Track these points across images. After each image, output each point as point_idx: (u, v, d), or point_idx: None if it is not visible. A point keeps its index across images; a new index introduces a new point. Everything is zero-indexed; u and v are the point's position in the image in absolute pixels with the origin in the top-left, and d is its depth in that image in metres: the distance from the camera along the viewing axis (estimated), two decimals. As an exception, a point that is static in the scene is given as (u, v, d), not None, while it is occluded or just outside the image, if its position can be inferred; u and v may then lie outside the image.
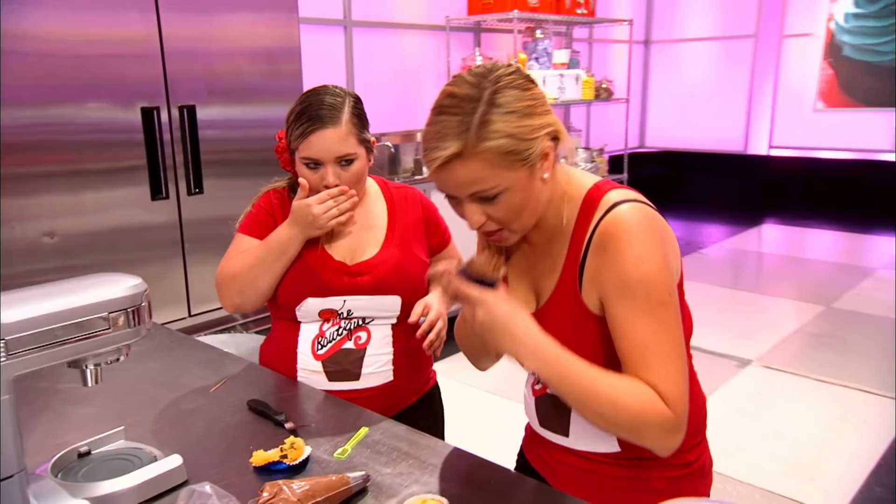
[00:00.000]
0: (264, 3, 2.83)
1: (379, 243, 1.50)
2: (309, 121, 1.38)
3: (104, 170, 2.47)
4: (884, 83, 6.69)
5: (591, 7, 5.10)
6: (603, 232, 0.99)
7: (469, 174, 0.94)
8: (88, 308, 0.97)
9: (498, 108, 0.93)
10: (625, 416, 0.93)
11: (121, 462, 1.10)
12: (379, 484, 1.07)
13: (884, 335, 3.92)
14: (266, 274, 1.44)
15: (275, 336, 1.57)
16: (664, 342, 0.95)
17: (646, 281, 0.95)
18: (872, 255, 5.70)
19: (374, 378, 1.47)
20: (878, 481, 1.00)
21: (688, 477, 1.10)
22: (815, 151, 7.17)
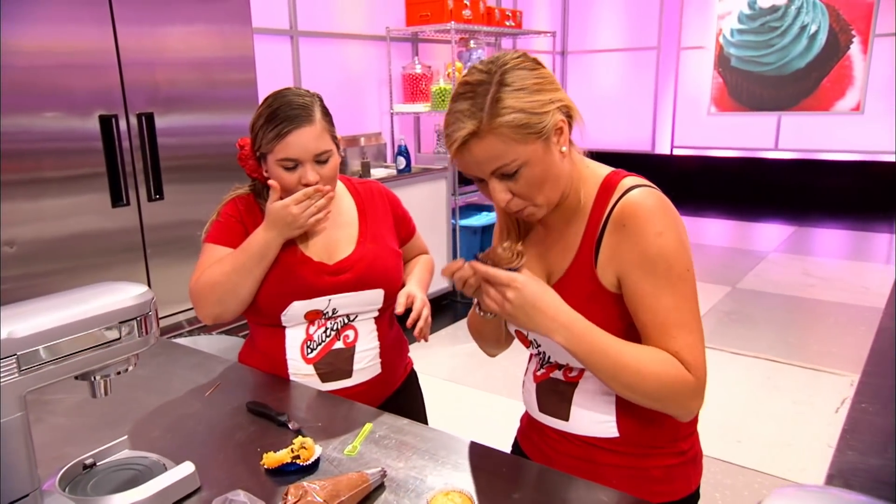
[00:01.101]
0: (218, 16, 2.69)
1: (354, 240, 1.43)
2: (283, 122, 1.29)
3: (63, 177, 2.28)
4: (765, 90, 7.07)
5: (518, 19, 5.12)
6: (621, 211, 0.98)
7: (486, 151, 0.93)
8: (99, 318, 0.87)
9: (507, 87, 0.92)
10: (651, 384, 0.94)
11: (129, 473, 1.00)
12: (394, 479, 1.02)
13: (781, 310, 4.13)
14: (246, 280, 1.32)
15: (258, 344, 1.44)
16: (685, 313, 0.95)
17: (666, 255, 0.95)
18: (764, 240, 6.01)
19: (364, 373, 1.41)
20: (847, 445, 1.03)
21: (682, 466, 1.08)
22: (710, 150, 7.50)
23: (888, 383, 1.21)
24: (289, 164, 1.31)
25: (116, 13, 2.35)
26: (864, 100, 6.59)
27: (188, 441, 1.14)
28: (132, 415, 1.24)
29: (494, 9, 4.88)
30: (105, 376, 0.92)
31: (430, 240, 4.37)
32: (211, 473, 1.04)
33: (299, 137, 1.29)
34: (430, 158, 4.65)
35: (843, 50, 6.63)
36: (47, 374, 0.82)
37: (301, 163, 1.31)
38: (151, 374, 1.42)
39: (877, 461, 0.97)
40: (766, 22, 6.93)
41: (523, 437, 1.24)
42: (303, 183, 1.32)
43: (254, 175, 1.40)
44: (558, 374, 1.09)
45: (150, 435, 1.16)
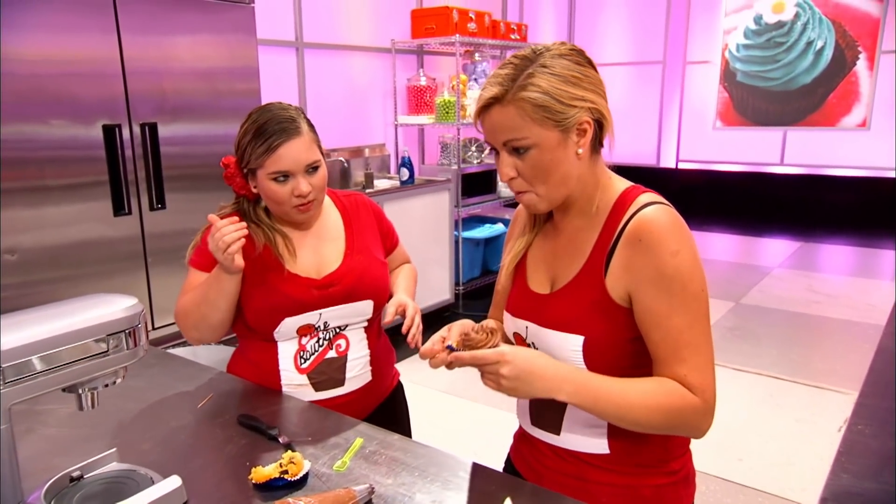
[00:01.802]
0: (223, 26, 2.71)
1: (341, 253, 1.43)
2: (272, 136, 1.29)
3: (66, 186, 2.29)
4: (770, 105, 7.06)
5: (523, 33, 5.14)
6: (637, 226, 0.97)
7: (503, 120, 0.95)
8: (86, 331, 0.87)
9: (544, 69, 0.94)
10: (658, 417, 0.94)
11: (116, 486, 1.00)
12: (382, 495, 1.01)
13: (785, 327, 4.10)
14: (212, 311, 1.32)
15: (249, 356, 1.43)
16: (697, 334, 0.95)
17: (682, 274, 0.94)
18: (769, 255, 5.98)
19: (356, 381, 1.42)
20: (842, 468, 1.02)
21: (672, 485, 1.07)
22: (715, 165, 7.49)
23: (886, 405, 1.19)
24: (279, 176, 1.31)
25: (121, 23, 2.37)
26: (870, 116, 6.57)
27: (177, 454, 1.14)
28: (124, 426, 1.24)
29: (500, 22, 4.90)
30: (93, 389, 0.92)
31: (433, 251, 4.38)
32: (199, 488, 1.03)
33: (289, 150, 1.29)
34: (434, 170, 4.66)
35: (849, 66, 6.62)
36: (33, 387, 0.81)
37: (293, 174, 1.31)
38: (145, 386, 1.42)
39: (871, 485, 0.95)
40: (772, 37, 6.93)
41: (515, 453, 1.23)
42: (295, 195, 1.32)
43: (242, 192, 1.39)
44: None
45: (139, 447, 1.15)
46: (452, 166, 4.58)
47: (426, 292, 4.22)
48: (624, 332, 0.99)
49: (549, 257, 1.10)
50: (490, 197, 4.83)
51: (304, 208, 1.34)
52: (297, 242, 1.39)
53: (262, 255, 1.36)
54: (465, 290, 4.67)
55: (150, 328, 2.60)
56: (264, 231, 1.37)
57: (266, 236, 1.37)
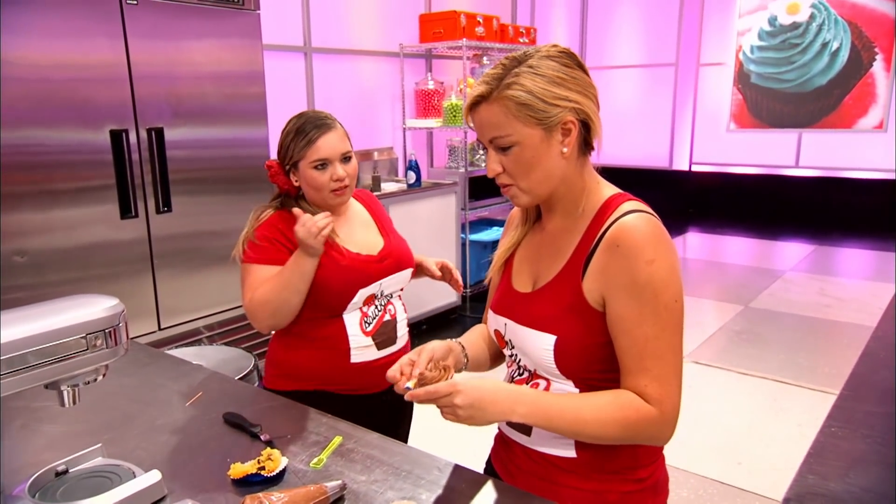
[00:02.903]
0: (229, 31, 2.76)
1: (378, 234, 1.66)
2: (312, 130, 1.52)
3: (74, 189, 2.35)
4: (785, 107, 7.00)
5: (531, 36, 5.16)
6: (616, 232, 0.98)
7: (488, 118, 0.99)
8: (66, 330, 0.91)
9: (530, 69, 0.97)
10: (613, 430, 0.96)
11: (99, 480, 1.03)
12: (355, 492, 1.04)
13: (794, 331, 4.06)
14: (293, 295, 1.48)
15: (311, 334, 1.56)
16: (663, 344, 0.96)
17: (654, 283, 0.95)
18: (782, 258, 5.92)
19: (403, 339, 1.66)
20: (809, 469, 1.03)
21: (639, 493, 1.07)
22: (729, 167, 7.43)
23: (862, 408, 1.19)
24: (319, 164, 1.52)
25: (128, 29, 2.43)
26: (887, 118, 6.48)
27: (161, 450, 1.17)
28: (113, 423, 1.28)
29: (508, 26, 4.92)
30: (73, 386, 0.95)
31: (440, 254, 4.37)
32: (179, 482, 1.06)
33: (327, 141, 1.52)
34: (443, 173, 4.69)
35: (865, 67, 6.54)
36: (12, 384, 0.85)
37: (330, 162, 1.53)
38: (138, 384, 1.46)
39: (837, 485, 0.96)
40: (787, 39, 6.87)
41: (494, 454, 1.25)
42: (333, 179, 1.53)
43: (285, 188, 1.59)
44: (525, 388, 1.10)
45: (126, 443, 1.19)
46: (460, 169, 4.61)
47: (433, 294, 4.24)
48: (596, 336, 1.00)
49: (533, 257, 1.12)
50: (498, 200, 4.85)
51: (340, 192, 1.55)
52: (338, 226, 1.58)
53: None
54: (473, 293, 4.68)
55: (157, 328, 2.66)
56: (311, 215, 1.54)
57: None
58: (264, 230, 1.54)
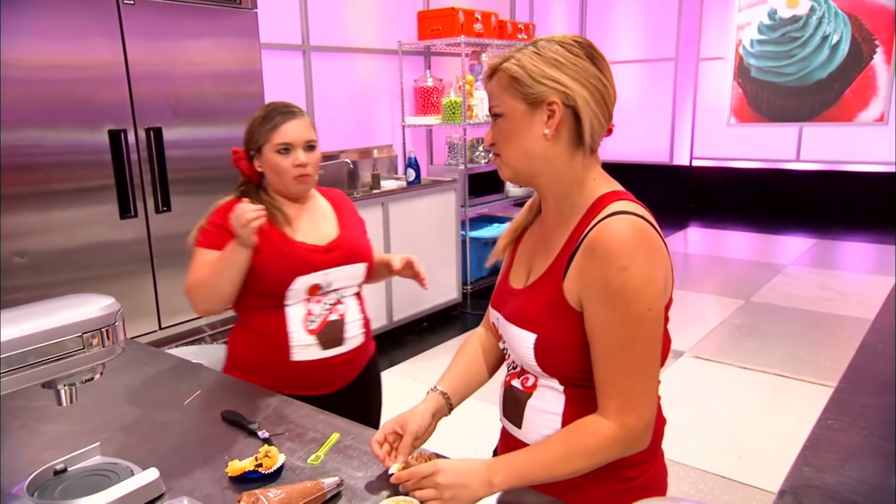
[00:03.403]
0: (227, 30, 2.76)
1: (335, 226, 1.66)
2: (280, 115, 1.56)
3: (73, 190, 2.36)
4: (786, 101, 6.98)
5: (530, 33, 5.15)
6: (594, 235, 0.96)
7: (491, 88, 1.04)
8: (62, 330, 0.91)
9: (533, 49, 1.01)
10: (581, 461, 0.97)
11: (97, 478, 1.04)
12: (352, 488, 1.04)
13: (795, 324, 4.06)
14: (224, 281, 1.51)
15: (255, 326, 1.58)
16: (630, 355, 0.94)
17: (626, 291, 0.92)
18: (783, 253, 5.91)
19: (353, 341, 1.62)
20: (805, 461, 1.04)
21: (626, 491, 1.04)
22: (730, 162, 7.42)
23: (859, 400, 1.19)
24: (283, 148, 1.55)
25: (126, 28, 2.43)
26: (888, 111, 6.46)
27: (160, 448, 1.18)
28: (112, 422, 1.28)
29: (507, 22, 4.91)
30: (70, 385, 0.96)
31: (440, 251, 4.41)
32: (177, 480, 1.07)
33: (293, 126, 1.56)
34: (442, 170, 4.69)
35: (866, 60, 6.52)
36: (9, 383, 0.85)
37: (293, 147, 1.56)
38: (136, 383, 1.47)
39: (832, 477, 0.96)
40: (787, 32, 6.85)
41: (500, 447, 1.25)
42: (295, 164, 1.55)
43: (248, 173, 1.62)
44: (517, 382, 1.11)
45: (125, 442, 1.20)
46: (459, 166, 4.61)
47: (433, 291, 4.25)
48: (576, 337, 0.99)
49: (530, 251, 1.12)
50: (498, 196, 4.85)
51: (302, 179, 1.57)
52: (295, 219, 1.60)
53: (268, 230, 1.54)
54: (473, 290, 4.69)
55: (157, 328, 2.67)
56: (267, 208, 1.56)
57: (269, 212, 1.55)
58: (216, 216, 1.57)
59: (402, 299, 3.98)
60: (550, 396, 1.05)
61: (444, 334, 4.10)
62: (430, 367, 3.63)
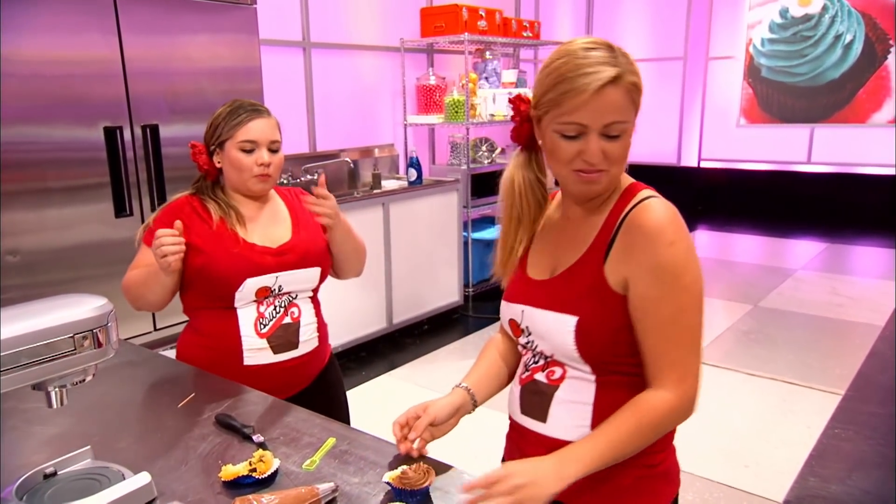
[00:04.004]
0: (225, 26, 2.77)
1: (289, 229, 1.65)
2: (246, 113, 1.56)
3: (67, 188, 2.37)
4: (797, 101, 6.97)
5: (535, 30, 5.15)
6: (637, 217, 1.02)
7: (615, 101, 0.97)
8: (53, 331, 0.91)
9: (623, 56, 1.00)
10: (652, 434, 1.01)
11: (88, 482, 1.04)
12: (347, 494, 1.04)
13: (804, 330, 4.05)
14: (150, 295, 1.55)
15: (204, 329, 1.59)
16: (681, 326, 1.00)
17: (675, 265, 0.99)
18: (793, 257, 5.90)
19: (307, 345, 1.62)
20: (811, 471, 1.04)
21: (650, 478, 1.10)
22: (739, 163, 7.41)
23: (867, 409, 1.19)
24: (248, 146, 1.55)
25: (122, 24, 2.44)
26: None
27: (153, 452, 1.18)
28: (104, 425, 1.29)
29: (511, 19, 4.92)
30: (61, 387, 0.96)
31: (441, 252, 4.41)
32: (169, 484, 1.07)
33: (259, 124, 1.56)
34: (445, 170, 4.69)
35: (879, 60, 6.50)
36: (2, 384, 0.86)
37: (258, 146, 1.56)
38: (130, 385, 1.47)
39: (838, 488, 0.96)
40: (799, 31, 6.84)
41: (508, 446, 1.26)
42: (258, 163, 1.55)
43: (205, 168, 1.62)
44: (541, 376, 1.13)
45: (116, 445, 1.20)
46: (462, 166, 4.61)
47: (434, 294, 4.25)
48: (617, 319, 1.03)
49: (551, 247, 1.14)
50: (501, 197, 4.84)
51: (263, 178, 1.57)
52: (249, 219, 1.60)
53: (219, 229, 1.56)
54: (476, 292, 4.69)
55: (152, 329, 2.67)
56: (220, 206, 1.58)
57: (222, 210, 1.58)
58: (164, 215, 1.57)
59: (401, 302, 3.98)
60: (580, 386, 1.08)
61: (446, 337, 4.10)
62: (431, 370, 3.63)
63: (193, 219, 1.56)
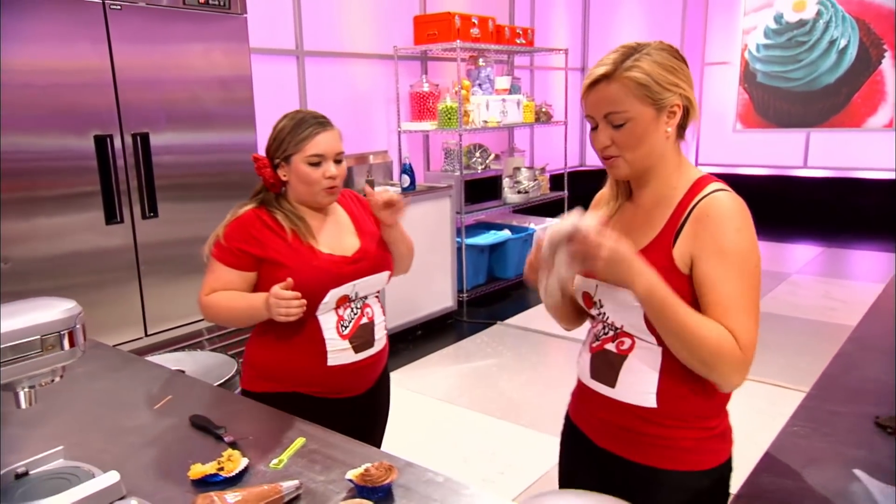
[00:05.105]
0: (215, 35, 2.81)
1: (355, 236, 1.67)
2: (312, 126, 1.58)
3: (58, 196, 2.40)
4: (792, 106, 6.99)
5: (529, 37, 5.19)
6: (707, 204, 1.12)
7: (608, 95, 1.12)
8: (21, 332, 0.94)
9: (648, 56, 1.12)
10: (705, 349, 1.07)
11: (58, 482, 1.06)
12: (312, 491, 1.07)
13: (796, 334, 4.06)
14: (240, 323, 1.63)
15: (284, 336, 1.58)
16: (747, 300, 1.09)
17: (741, 249, 1.09)
18: (789, 261, 5.91)
19: (380, 342, 1.68)
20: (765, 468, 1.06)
21: (710, 440, 1.21)
22: (736, 168, 7.42)
23: (827, 407, 1.22)
24: (315, 159, 1.56)
25: (112, 33, 2.47)
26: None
27: (125, 452, 1.21)
28: (80, 426, 1.31)
29: (504, 27, 4.96)
30: (30, 387, 0.98)
31: (434, 258, 4.43)
32: (139, 484, 1.09)
33: (327, 137, 1.58)
34: (438, 177, 4.72)
35: (874, 65, 6.52)
36: (-34, 383, 0.88)
37: (325, 159, 1.58)
38: (109, 388, 1.50)
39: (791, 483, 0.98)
40: (794, 37, 6.86)
41: (573, 409, 1.37)
42: (326, 176, 1.57)
43: (271, 181, 1.62)
44: (611, 346, 1.22)
45: (90, 446, 1.22)
46: (455, 172, 4.64)
47: (428, 299, 4.27)
48: (683, 296, 1.11)
49: (624, 229, 1.22)
50: (495, 203, 4.88)
51: (331, 191, 1.60)
52: (317, 229, 1.62)
53: (294, 241, 1.57)
54: (470, 298, 4.71)
55: (143, 335, 2.70)
56: (290, 218, 1.60)
57: (292, 222, 1.59)
58: (233, 230, 1.58)
59: (395, 307, 4.00)
60: (648, 356, 1.17)
61: (439, 343, 4.12)
62: (424, 375, 3.65)
63: (266, 233, 1.57)
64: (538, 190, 5.30)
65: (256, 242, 1.56)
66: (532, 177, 5.28)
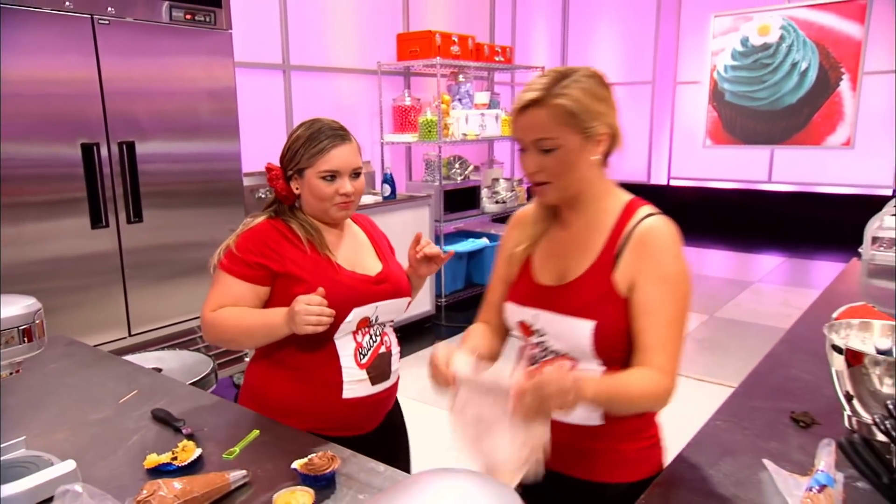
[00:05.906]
0: (201, 49, 2.82)
1: (376, 257, 1.53)
2: (327, 139, 1.40)
3: (45, 202, 2.39)
4: (758, 124, 7.08)
5: (507, 55, 5.24)
6: (647, 231, 1.12)
7: (537, 120, 1.09)
8: (-22, 327, 0.95)
9: (577, 83, 1.10)
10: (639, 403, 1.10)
11: (17, 469, 1.07)
12: (260, 479, 1.08)
13: (754, 339, 4.10)
14: (249, 342, 1.42)
15: (293, 361, 1.41)
16: (675, 327, 1.09)
17: (677, 275, 1.10)
18: (752, 270, 5.97)
19: (395, 375, 1.52)
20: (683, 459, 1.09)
21: (650, 449, 1.21)
22: (706, 182, 7.50)
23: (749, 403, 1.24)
24: (328, 175, 1.40)
25: (100, 45, 2.48)
26: (854, 135, 6.56)
27: (87, 443, 1.21)
28: (47, 418, 1.32)
29: (484, 45, 5.00)
30: (-11, 379, 0.99)
31: (416, 264, 4.44)
32: (96, 472, 1.10)
33: (340, 153, 1.41)
34: (420, 186, 4.75)
35: (832, 86, 6.62)
36: (-78, 374, 0.89)
37: (340, 175, 1.41)
38: (78, 383, 1.50)
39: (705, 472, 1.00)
40: (759, 59, 6.96)
41: None
42: (340, 193, 1.41)
43: (283, 193, 1.46)
44: None
45: (53, 437, 1.23)
46: (435, 182, 4.67)
47: (407, 303, 4.28)
48: (626, 320, 1.12)
49: (558, 254, 1.21)
50: (473, 212, 4.90)
51: (345, 206, 1.43)
52: (332, 244, 1.46)
53: (313, 254, 1.41)
54: (448, 303, 4.72)
55: (127, 335, 2.69)
56: (304, 227, 1.43)
57: (308, 233, 1.43)
58: (248, 241, 1.41)
59: (375, 310, 4.01)
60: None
61: (417, 345, 4.13)
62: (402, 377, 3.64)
63: (283, 244, 1.40)
64: (515, 200, 5.34)
65: (274, 254, 1.39)
66: (510, 187, 5.31)
